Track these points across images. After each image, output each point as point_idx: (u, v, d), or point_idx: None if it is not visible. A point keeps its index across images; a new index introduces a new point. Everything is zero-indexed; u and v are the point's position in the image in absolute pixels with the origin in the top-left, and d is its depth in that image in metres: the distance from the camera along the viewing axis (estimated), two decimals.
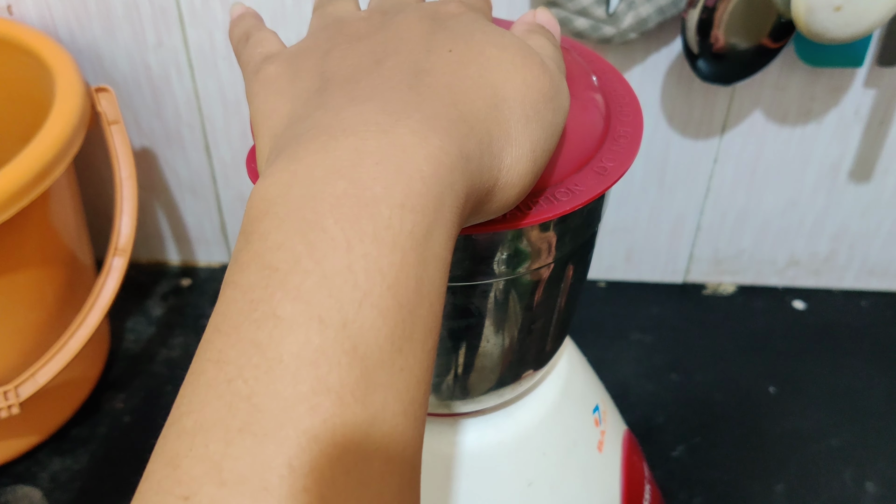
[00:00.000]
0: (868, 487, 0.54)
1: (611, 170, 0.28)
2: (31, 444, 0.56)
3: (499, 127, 0.23)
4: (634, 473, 0.43)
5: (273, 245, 0.19)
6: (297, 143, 0.21)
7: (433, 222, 0.20)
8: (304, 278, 0.19)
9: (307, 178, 0.20)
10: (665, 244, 0.66)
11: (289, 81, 0.25)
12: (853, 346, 0.64)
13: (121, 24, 0.57)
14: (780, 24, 0.49)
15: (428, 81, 0.23)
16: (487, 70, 0.24)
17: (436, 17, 0.26)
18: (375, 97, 0.22)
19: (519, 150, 0.24)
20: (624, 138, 0.30)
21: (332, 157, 0.20)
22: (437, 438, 0.37)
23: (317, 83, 0.24)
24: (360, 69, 0.24)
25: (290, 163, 0.21)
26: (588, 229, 0.32)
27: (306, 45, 0.27)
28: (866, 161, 0.60)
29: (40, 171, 0.46)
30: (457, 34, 0.25)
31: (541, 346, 0.35)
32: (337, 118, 0.22)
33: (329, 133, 0.21)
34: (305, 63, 0.26)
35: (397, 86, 0.23)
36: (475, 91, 0.23)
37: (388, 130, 0.21)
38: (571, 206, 0.27)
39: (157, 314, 0.66)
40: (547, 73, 0.25)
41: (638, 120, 0.31)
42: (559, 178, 0.28)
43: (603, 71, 0.34)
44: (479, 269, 0.29)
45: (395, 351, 0.19)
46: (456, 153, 0.21)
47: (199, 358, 0.19)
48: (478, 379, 0.35)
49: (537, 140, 0.24)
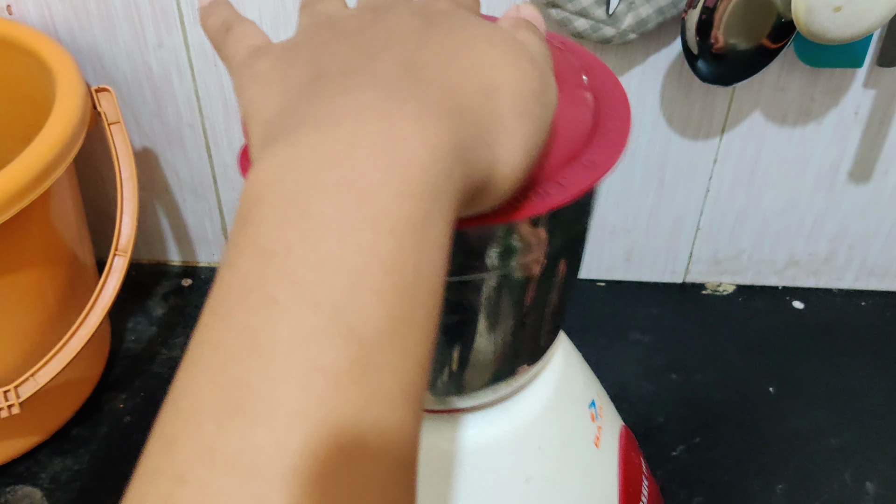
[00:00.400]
0: (868, 487, 0.54)
1: (600, 163, 0.28)
2: (32, 444, 0.56)
3: (492, 119, 0.24)
4: (632, 468, 0.43)
5: (268, 230, 0.19)
6: (293, 129, 0.21)
7: (431, 209, 0.20)
8: (300, 263, 0.19)
9: (304, 163, 0.20)
10: (665, 244, 0.66)
11: (281, 75, 0.25)
12: (853, 346, 0.64)
13: (121, 24, 0.57)
14: (780, 24, 0.49)
15: (421, 74, 0.23)
16: (479, 64, 0.24)
17: (427, 14, 0.26)
18: (371, 86, 0.22)
19: (512, 141, 0.24)
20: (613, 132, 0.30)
21: (329, 141, 0.20)
22: (434, 435, 0.37)
23: (310, 76, 0.24)
24: (354, 63, 0.24)
25: (285, 147, 0.21)
26: (579, 224, 0.32)
27: (297, 40, 0.27)
28: (866, 161, 0.60)
29: (41, 171, 0.46)
30: (448, 30, 0.25)
31: (534, 340, 0.35)
32: (332, 105, 0.22)
33: (326, 119, 0.21)
34: (298, 57, 0.26)
35: (391, 77, 0.23)
36: (468, 83, 0.24)
37: (384, 117, 0.21)
38: (561, 199, 0.27)
39: (157, 314, 0.67)
40: (536, 67, 0.25)
41: (626, 114, 0.31)
42: (549, 173, 0.28)
43: (593, 67, 0.34)
44: (471, 263, 0.29)
45: (393, 333, 0.19)
46: (453, 140, 0.21)
47: (196, 340, 0.19)
48: (472, 374, 0.35)
49: (529, 132, 0.24)
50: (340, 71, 0.24)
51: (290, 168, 0.20)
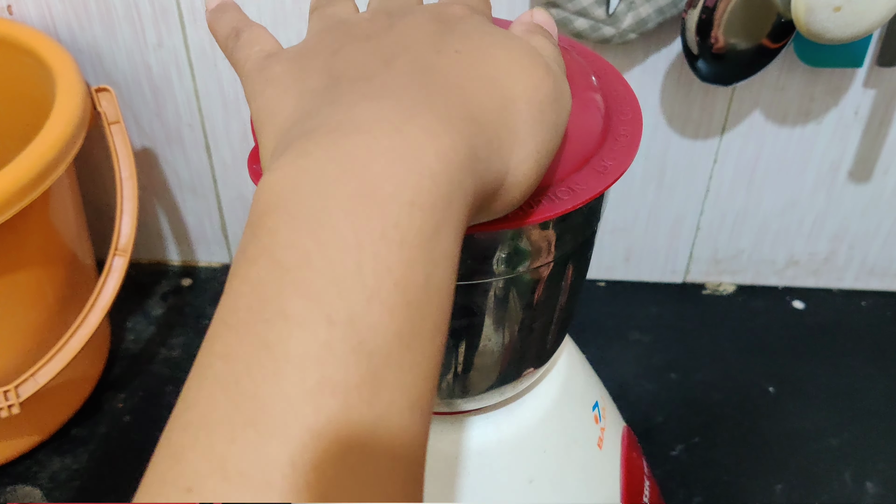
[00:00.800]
0: (868, 487, 0.54)
1: (611, 168, 0.28)
2: (31, 444, 0.56)
3: (506, 127, 0.23)
4: (634, 469, 0.43)
5: (283, 241, 0.19)
6: (306, 138, 0.21)
7: (442, 220, 0.20)
8: (315, 277, 0.19)
9: (317, 174, 0.20)
10: (664, 244, 0.66)
11: (296, 79, 0.25)
12: (853, 346, 0.64)
13: (121, 24, 0.57)
14: (780, 24, 0.49)
15: (437, 81, 0.23)
16: (495, 71, 0.24)
17: (442, 19, 0.26)
18: (386, 95, 0.22)
19: (525, 150, 0.24)
20: (624, 137, 0.30)
21: (344, 153, 0.20)
22: (439, 437, 0.37)
23: (325, 81, 0.24)
24: (370, 68, 0.24)
25: (299, 157, 0.21)
26: (588, 228, 0.32)
27: (311, 44, 0.27)
28: (866, 161, 0.61)
29: (41, 171, 0.46)
30: (464, 35, 0.25)
31: (541, 344, 0.35)
32: (348, 114, 0.22)
33: (340, 129, 0.21)
34: (312, 62, 0.25)
35: (408, 84, 0.23)
36: (484, 91, 0.24)
37: (399, 128, 0.21)
38: (573, 204, 0.27)
39: (157, 314, 0.67)
40: (551, 74, 0.25)
41: (637, 119, 0.31)
42: (560, 178, 0.28)
43: (602, 70, 0.34)
44: (480, 267, 0.29)
45: (403, 348, 0.19)
46: (465, 152, 0.21)
47: (206, 351, 0.19)
48: (479, 377, 0.35)
49: (542, 140, 0.24)
50: (355, 77, 0.24)
51: (304, 178, 0.20)
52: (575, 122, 0.29)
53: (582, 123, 0.30)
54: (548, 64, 0.25)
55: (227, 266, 0.71)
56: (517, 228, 0.28)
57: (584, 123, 0.30)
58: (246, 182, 0.65)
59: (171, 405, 0.19)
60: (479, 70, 0.24)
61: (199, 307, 0.67)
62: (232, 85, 0.60)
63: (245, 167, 0.63)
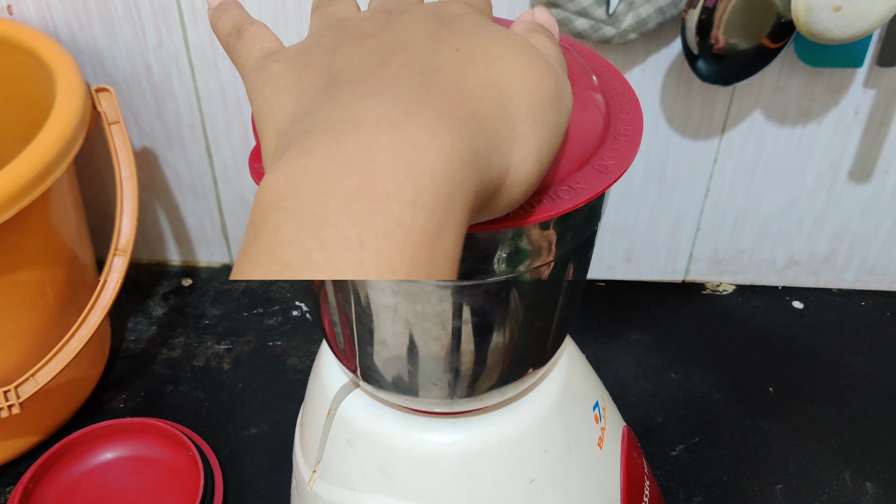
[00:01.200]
0: (868, 487, 0.54)
1: (612, 168, 0.28)
2: (32, 444, 0.56)
3: (507, 126, 0.23)
4: (634, 469, 0.43)
5: (284, 240, 0.19)
6: (306, 136, 0.21)
7: (443, 219, 0.20)
8: (316, 274, 0.19)
9: (318, 173, 0.20)
10: (665, 244, 0.67)
11: (295, 78, 0.25)
12: (853, 346, 0.64)
13: (121, 24, 0.57)
14: (780, 24, 0.49)
15: (437, 79, 0.23)
16: (495, 69, 0.24)
17: (441, 17, 0.26)
18: (385, 93, 0.22)
19: (526, 149, 0.24)
20: (624, 136, 0.30)
21: (343, 151, 0.20)
22: (440, 436, 0.37)
23: (324, 80, 0.24)
24: (368, 67, 0.24)
25: (299, 156, 0.21)
26: (589, 227, 0.32)
27: (311, 43, 0.27)
28: (866, 161, 0.61)
29: (41, 171, 0.46)
30: (463, 34, 0.25)
31: (542, 344, 0.35)
32: (347, 113, 0.22)
33: (340, 127, 0.21)
34: (312, 60, 0.25)
35: (406, 83, 0.23)
36: (483, 90, 0.23)
37: (399, 126, 0.21)
38: (573, 204, 0.27)
39: (157, 314, 0.67)
40: (552, 72, 0.25)
41: (638, 118, 0.31)
42: (561, 177, 0.28)
43: (603, 70, 0.34)
44: (481, 267, 0.29)
45: None
46: (466, 150, 0.21)
47: None
48: (480, 377, 0.35)
49: (543, 139, 0.24)
50: (355, 75, 0.24)
51: (304, 177, 0.20)
52: (576, 121, 0.29)
53: (583, 122, 0.30)
54: (548, 62, 0.25)
55: (228, 266, 0.71)
56: (518, 228, 0.28)
57: (585, 123, 0.30)
58: (246, 182, 0.65)
59: (172, 405, 0.19)
60: (477, 68, 0.24)
61: (199, 307, 0.67)
62: (233, 85, 0.60)
63: (245, 167, 0.64)
